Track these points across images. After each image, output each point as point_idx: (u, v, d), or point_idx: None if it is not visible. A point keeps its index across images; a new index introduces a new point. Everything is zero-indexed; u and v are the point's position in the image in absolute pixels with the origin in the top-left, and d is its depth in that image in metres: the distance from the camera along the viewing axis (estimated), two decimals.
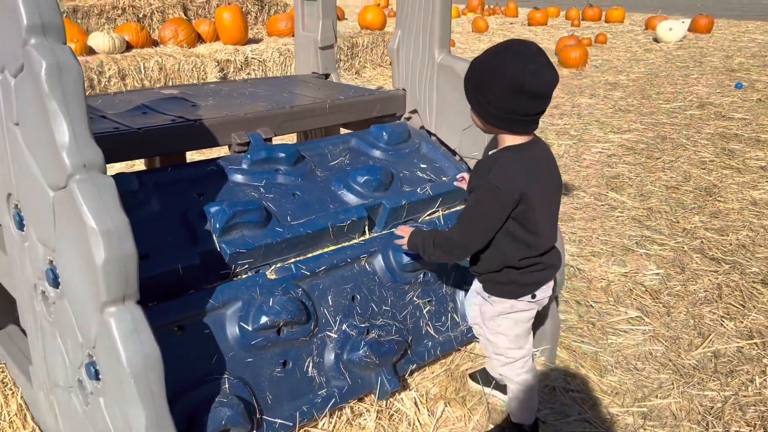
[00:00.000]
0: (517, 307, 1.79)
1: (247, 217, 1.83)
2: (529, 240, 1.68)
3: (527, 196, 1.61)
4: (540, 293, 1.79)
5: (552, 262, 1.78)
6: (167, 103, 2.33)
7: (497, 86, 1.58)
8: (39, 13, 1.32)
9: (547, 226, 1.72)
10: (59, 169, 1.32)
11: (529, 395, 1.89)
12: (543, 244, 1.72)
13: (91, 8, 6.93)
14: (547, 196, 1.71)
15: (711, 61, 8.80)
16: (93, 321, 1.35)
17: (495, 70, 1.58)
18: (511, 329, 1.82)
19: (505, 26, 13.46)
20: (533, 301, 1.79)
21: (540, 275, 1.76)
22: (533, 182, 1.64)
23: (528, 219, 1.65)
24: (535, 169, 1.66)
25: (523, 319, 1.82)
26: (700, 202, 3.95)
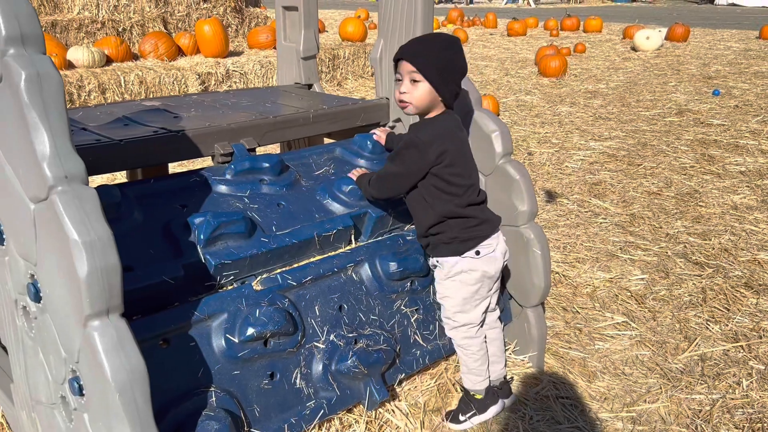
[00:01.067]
0: (461, 265, 1.93)
1: (232, 228, 1.81)
2: (453, 190, 1.89)
3: (446, 153, 1.85)
4: (484, 249, 1.93)
5: (487, 217, 1.97)
6: (149, 114, 2.31)
7: (457, 73, 1.90)
8: (18, 24, 1.31)
9: (468, 180, 1.92)
10: (40, 180, 1.30)
11: (473, 362, 2.02)
12: (469, 194, 1.91)
13: (70, 22, 6.88)
14: (464, 155, 1.93)
15: (688, 69, 8.92)
16: (76, 335, 1.32)
17: (454, 57, 1.89)
18: (458, 291, 1.96)
19: (485, 37, 13.57)
20: (477, 258, 1.92)
21: (478, 230, 1.92)
22: (451, 142, 1.88)
23: (449, 173, 1.87)
24: (452, 133, 1.91)
25: (470, 281, 1.94)
26: (682, 208, 3.99)
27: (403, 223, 2.23)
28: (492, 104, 6.11)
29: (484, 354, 2.04)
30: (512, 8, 22.87)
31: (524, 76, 8.68)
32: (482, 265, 1.94)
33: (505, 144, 2.22)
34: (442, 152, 1.85)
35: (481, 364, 2.03)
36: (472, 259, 1.92)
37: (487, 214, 1.99)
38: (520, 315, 2.34)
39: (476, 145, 2.26)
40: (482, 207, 1.98)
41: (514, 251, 2.27)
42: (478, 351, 2.01)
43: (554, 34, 13.41)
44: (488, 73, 9.06)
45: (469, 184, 1.92)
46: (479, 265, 1.93)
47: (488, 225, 1.96)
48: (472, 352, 2.01)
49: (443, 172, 1.87)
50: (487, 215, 1.98)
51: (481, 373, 2.04)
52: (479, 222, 1.94)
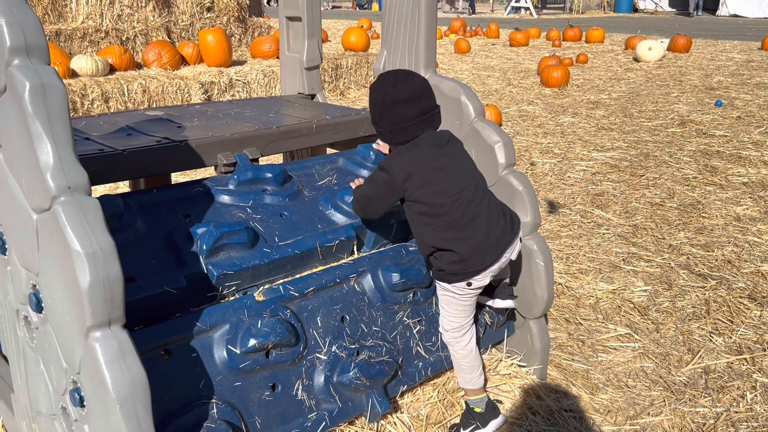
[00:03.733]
0: (452, 291, 1.96)
1: (235, 238, 1.81)
2: (435, 211, 1.85)
3: (414, 175, 1.84)
4: (476, 283, 1.93)
5: (478, 247, 1.87)
6: (152, 124, 2.31)
7: (379, 111, 1.91)
8: (23, 35, 1.31)
9: (450, 197, 1.85)
10: (43, 191, 1.30)
11: (463, 358, 2.06)
12: (454, 212, 1.85)
13: (74, 31, 6.91)
14: (441, 170, 1.87)
15: (690, 80, 8.93)
16: (77, 346, 1.32)
17: (373, 102, 1.94)
18: (450, 305, 2.02)
19: (487, 47, 13.60)
20: (470, 289, 1.95)
21: (464, 265, 1.88)
22: (421, 163, 1.86)
23: (424, 195, 1.85)
24: (424, 155, 1.88)
25: (459, 302, 1.99)
26: (685, 219, 3.98)
27: (406, 234, 2.22)
28: (494, 114, 6.11)
29: (476, 352, 2.07)
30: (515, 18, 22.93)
31: (527, 87, 8.69)
32: (474, 292, 1.97)
33: (507, 155, 2.22)
34: (409, 175, 1.84)
35: (470, 362, 2.06)
36: (464, 287, 1.94)
37: (481, 246, 1.87)
38: (523, 326, 2.33)
39: (479, 156, 2.26)
40: (473, 236, 1.86)
41: (516, 262, 2.26)
42: (466, 347, 2.05)
43: (556, 45, 13.44)
44: (491, 83, 9.08)
45: (452, 200, 1.85)
46: (472, 293, 1.97)
47: (478, 261, 1.87)
48: (460, 349, 2.05)
49: (417, 195, 1.85)
50: (478, 248, 1.86)
51: (473, 370, 2.06)
52: (463, 259, 1.86)
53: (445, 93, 2.35)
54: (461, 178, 1.90)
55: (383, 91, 1.90)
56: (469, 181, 1.91)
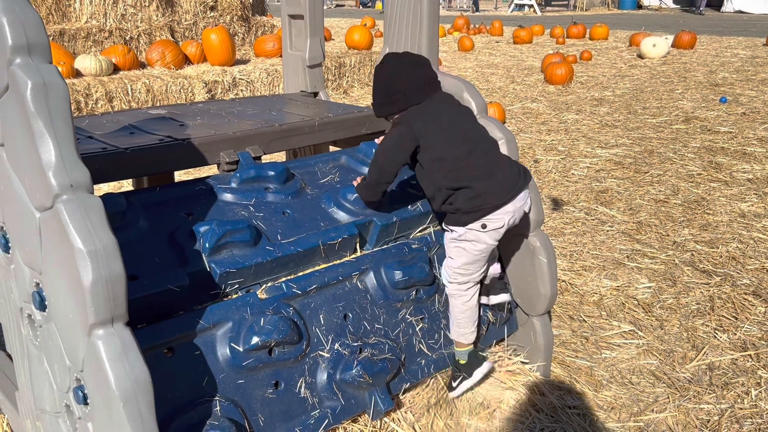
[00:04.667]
0: (467, 236, 1.97)
1: (237, 236, 1.81)
2: (449, 165, 1.93)
3: (430, 123, 1.95)
4: (491, 224, 1.94)
5: (495, 186, 1.93)
6: (155, 122, 2.32)
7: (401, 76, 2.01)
8: (24, 33, 1.31)
9: (458, 148, 1.95)
10: (45, 189, 1.30)
11: (461, 312, 2.10)
12: (467, 162, 1.93)
13: (78, 31, 6.93)
14: (447, 124, 1.98)
15: (695, 76, 8.90)
16: (81, 344, 1.32)
17: (388, 71, 2.04)
18: (460, 257, 2.02)
19: (491, 45, 13.58)
20: (484, 231, 1.95)
21: (480, 201, 1.92)
22: (437, 115, 1.98)
23: (438, 143, 1.94)
24: (426, 113, 1.99)
25: (474, 250, 2.00)
26: (690, 215, 3.97)
27: (409, 231, 2.22)
28: (498, 112, 6.11)
29: (474, 308, 2.10)
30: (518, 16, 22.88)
31: (530, 84, 8.68)
32: (488, 238, 1.98)
33: (511, 151, 2.22)
34: (425, 123, 1.96)
35: (469, 316, 2.09)
36: (477, 231, 1.96)
37: (496, 183, 1.94)
38: (527, 323, 2.33)
39: None
40: (489, 175, 1.94)
41: (519, 259, 2.26)
42: (469, 302, 2.08)
43: (560, 42, 13.41)
44: (494, 80, 9.07)
45: (467, 144, 1.96)
46: (485, 238, 1.97)
47: (494, 196, 1.93)
48: (462, 303, 2.08)
49: (433, 139, 1.95)
50: (494, 185, 1.94)
51: (468, 325, 2.10)
52: (479, 194, 1.92)
53: (448, 90, 2.34)
54: (474, 128, 2.04)
55: (397, 61, 2.05)
56: (481, 131, 2.06)
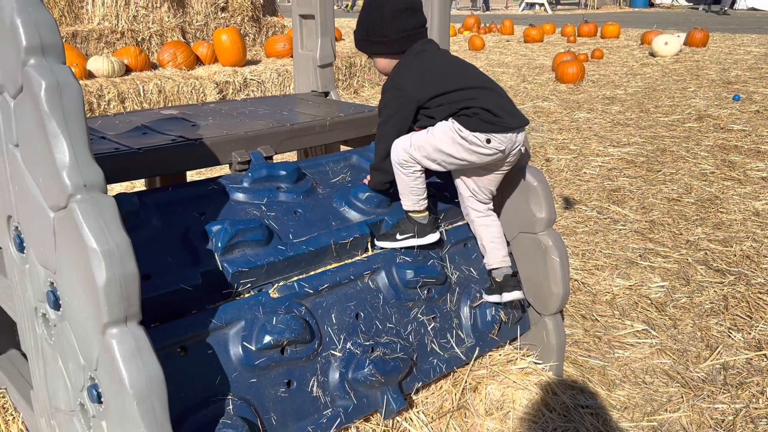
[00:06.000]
0: (466, 135, 1.91)
1: (249, 236, 1.81)
2: (457, 100, 1.92)
3: (425, 89, 1.94)
4: (495, 144, 1.91)
5: (506, 112, 1.92)
6: (167, 123, 2.33)
7: (384, 21, 1.98)
8: (38, 34, 1.32)
9: (469, 87, 1.94)
10: (59, 189, 1.31)
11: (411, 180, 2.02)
12: (476, 96, 1.92)
13: (90, 33, 6.97)
14: (443, 66, 1.99)
15: (708, 74, 8.83)
16: (95, 343, 1.33)
17: (375, 15, 2.00)
18: (439, 141, 1.94)
19: (501, 43, 13.55)
20: (485, 146, 1.91)
21: (497, 119, 1.90)
22: (434, 65, 1.97)
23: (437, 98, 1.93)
24: (425, 67, 1.98)
25: (460, 146, 1.92)
26: (703, 214, 3.94)
27: None
28: None
29: (421, 175, 2.02)
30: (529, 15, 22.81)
31: (541, 83, 8.65)
32: (484, 151, 1.93)
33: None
34: (418, 91, 1.95)
35: (419, 184, 2.03)
36: (479, 142, 1.91)
37: (511, 111, 1.95)
38: (539, 323, 2.32)
39: None
40: (504, 102, 1.95)
41: (532, 258, 2.25)
42: (416, 171, 2.01)
43: (571, 41, 13.36)
44: (505, 79, 9.04)
45: (470, 80, 1.96)
46: (479, 150, 1.93)
47: (512, 118, 1.93)
48: (411, 171, 2.01)
49: (430, 99, 1.94)
50: (510, 111, 1.94)
51: (421, 192, 2.04)
52: (492, 110, 1.91)
53: None
54: (473, 68, 2.04)
55: (387, 3, 1.99)
56: (477, 70, 2.04)
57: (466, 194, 2.14)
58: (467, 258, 2.26)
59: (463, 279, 2.22)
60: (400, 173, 2.03)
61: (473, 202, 2.14)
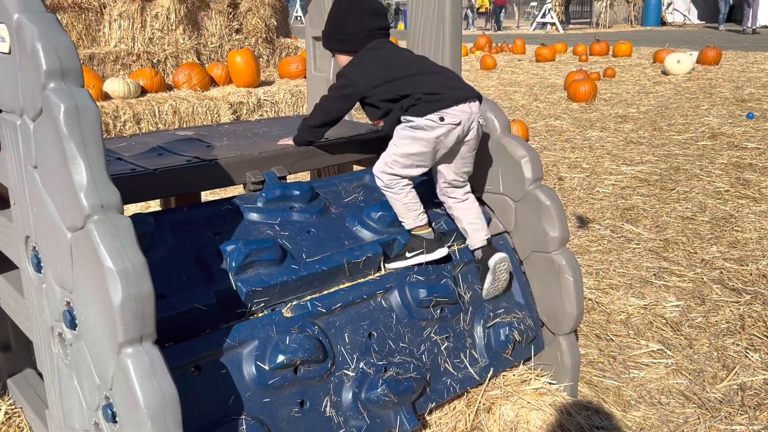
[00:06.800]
0: (421, 123, 2.00)
1: (263, 255, 1.82)
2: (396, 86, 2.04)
3: (370, 81, 2.06)
4: (449, 118, 1.99)
5: (447, 87, 2.02)
6: (182, 144, 2.36)
7: (346, 21, 2.14)
8: (58, 58, 1.35)
9: (410, 73, 2.05)
10: (77, 210, 1.33)
11: (403, 197, 2.08)
12: (416, 79, 2.03)
13: (107, 55, 7.08)
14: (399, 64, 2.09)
15: (721, 92, 8.81)
16: (110, 362, 1.34)
17: (343, 10, 2.15)
18: (407, 146, 2.03)
19: (513, 63, 13.60)
20: (441, 124, 1.99)
21: (441, 96, 1.99)
22: (376, 68, 2.07)
23: (379, 88, 2.06)
24: (374, 62, 2.10)
25: (423, 140, 2.00)
26: (718, 233, 3.91)
27: None
28: (521, 129, 6.10)
29: (411, 190, 2.09)
30: (540, 34, 22.90)
31: (553, 102, 8.66)
32: (442, 131, 2.00)
33: (534, 169, 2.22)
34: (363, 83, 2.08)
35: (412, 199, 2.09)
36: (433, 122, 1.99)
37: (453, 84, 2.06)
38: (553, 343, 2.30)
39: (505, 171, 2.26)
40: (445, 80, 2.06)
41: (545, 278, 2.25)
42: (404, 188, 2.08)
43: (583, 59, 13.38)
44: (517, 98, 9.07)
45: (413, 71, 2.06)
46: (439, 130, 2.00)
47: (454, 91, 2.02)
48: (399, 189, 2.08)
49: (374, 90, 2.07)
50: (451, 85, 2.04)
51: (416, 207, 2.09)
52: (438, 91, 2.01)
53: None
54: (421, 60, 2.16)
55: (351, 5, 2.15)
56: (427, 61, 2.17)
57: (443, 185, 2.20)
58: (480, 277, 2.26)
59: (476, 298, 2.21)
60: (391, 196, 2.10)
61: (451, 190, 2.20)
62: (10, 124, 1.53)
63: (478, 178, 2.39)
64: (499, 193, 2.33)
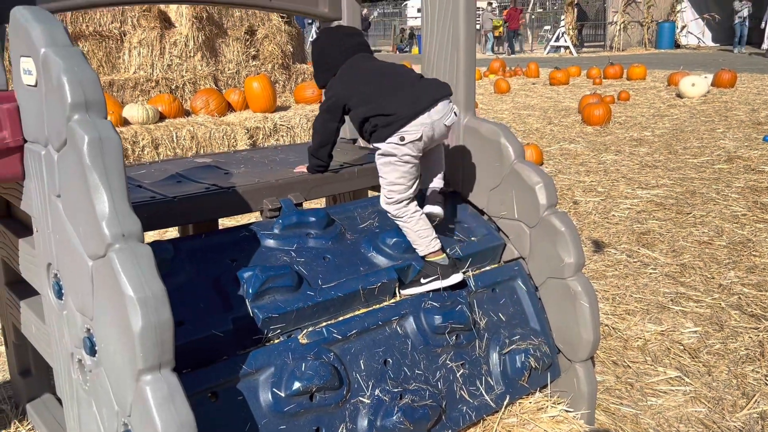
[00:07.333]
0: (389, 152, 2.06)
1: (279, 282, 1.84)
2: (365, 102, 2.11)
3: (349, 90, 2.15)
4: (408, 136, 2.03)
5: (407, 102, 2.05)
6: (201, 171, 2.39)
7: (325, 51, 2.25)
8: (83, 91, 1.39)
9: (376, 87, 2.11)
10: (99, 238, 1.36)
11: (414, 225, 2.11)
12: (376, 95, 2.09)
13: (127, 81, 7.21)
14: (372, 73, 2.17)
15: (736, 115, 8.78)
16: (129, 389, 1.35)
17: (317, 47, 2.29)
18: (390, 173, 2.09)
19: (527, 86, 13.65)
20: (403, 144, 2.04)
21: (394, 118, 2.04)
22: (353, 78, 2.16)
23: (355, 97, 2.13)
24: (353, 71, 2.19)
25: (398, 162, 2.06)
26: (735, 257, 3.88)
27: None
28: (535, 153, 6.11)
29: (421, 217, 2.13)
30: (554, 57, 22.99)
31: (568, 125, 8.67)
32: (408, 150, 2.05)
33: (549, 196, 2.23)
34: (343, 92, 2.16)
35: (422, 226, 2.12)
36: (397, 144, 2.04)
37: (404, 98, 2.07)
38: (569, 370, 2.29)
39: (520, 198, 2.27)
40: (396, 92, 2.09)
41: (560, 304, 2.24)
42: (413, 215, 2.11)
43: (597, 83, 13.41)
44: (531, 122, 9.09)
45: (378, 84, 2.12)
46: (406, 150, 2.05)
47: (405, 108, 2.04)
48: (408, 217, 2.11)
49: (353, 100, 2.13)
50: (403, 100, 2.06)
51: (428, 234, 2.12)
52: (392, 112, 2.05)
53: (484, 135, 2.37)
54: (391, 66, 2.22)
55: (327, 33, 2.33)
56: (398, 66, 2.23)
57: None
58: (495, 303, 2.26)
59: (492, 325, 2.21)
60: (402, 224, 2.13)
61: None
62: (35, 154, 1.57)
63: (494, 204, 2.40)
64: (514, 219, 2.33)
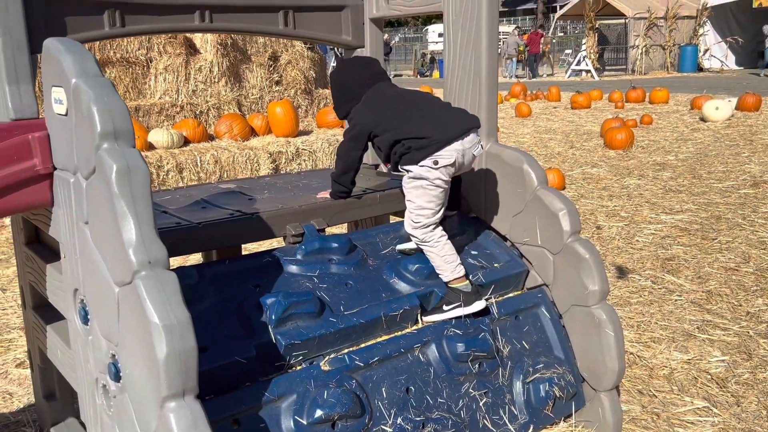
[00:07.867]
0: (420, 176, 2.08)
1: (302, 308, 1.85)
2: (395, 127, 2.12)
3: (374, 118, 2.16)
4: (442, 160, 2.05)
5: (442, 128, 2.07)
6: (225, 197, 2.42)
7: (344, 84, 2.29)
8: (112, 121, 1.42)
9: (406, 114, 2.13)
10: (125, 265, 1.38)
11: (440, 250, 2.12)
12: (409, 121, 2.11)
13: (152, 107, 7.33)
14: (391, 101, 2.19)
15: (762, 139, 8.68)
16: (152, 415, 1.36)
17: (336, 80, 2.33)
18: (418, 198, 2.11)
19: (548, 110, 13.63)
20: (436, 168, 2.05)
21: (430, 140, 2.05)
22: (377, 106, 2.18)
23: (382, 124, 2.14)
24: (376, 98, 2.21)
25: (429, 187, 2.08)
26: (763, 284, 3.81)
27: None
28: (557, 177, 6.08)
29: (447, 242, 2.14)
30: (575, 81, 22.97)
31: (590, 149, 8.63)
32: (440, 174, 2.07)
33: (572, 222, 2.21)
34: (369, 121, 2.17)
35: (448, 251, 2.13)
36: (430, 168, 2.06)
37: (441, 123, 2.09)
38: (594, 399, 2.26)
39: (543, 224, 2.26)
40: (433, 119, 2.11)
41: (585, 332, 2.22)
42: (439, 240, 2.13)
43: (619, 106, 13.35)
44: (553, 146, 9.07)
45: (408, 111, 2.13)
46: (437, 173, 2.07)
47: (441, 133, 2.06)
48: (434, 242, 2.12)
49: (379, 127, 2.15)
50: (439, 125, 2.08)
51: (453, 259, 2.13)
52: (427, 135, 2.06)
53: (507, 162, 2.37)
54: (415, 93, 2.27)
55: (345, 65, 2.38)
56: (423, 93, 2.28)
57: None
58: (518, 331, 2.24)
59: (515, 353, 2.19)
60: (428, 250, 2.14)
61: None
62: (63, 181, 1.60)
63: (517, 230, 2.39)
64: (537, 245, 2.32)
